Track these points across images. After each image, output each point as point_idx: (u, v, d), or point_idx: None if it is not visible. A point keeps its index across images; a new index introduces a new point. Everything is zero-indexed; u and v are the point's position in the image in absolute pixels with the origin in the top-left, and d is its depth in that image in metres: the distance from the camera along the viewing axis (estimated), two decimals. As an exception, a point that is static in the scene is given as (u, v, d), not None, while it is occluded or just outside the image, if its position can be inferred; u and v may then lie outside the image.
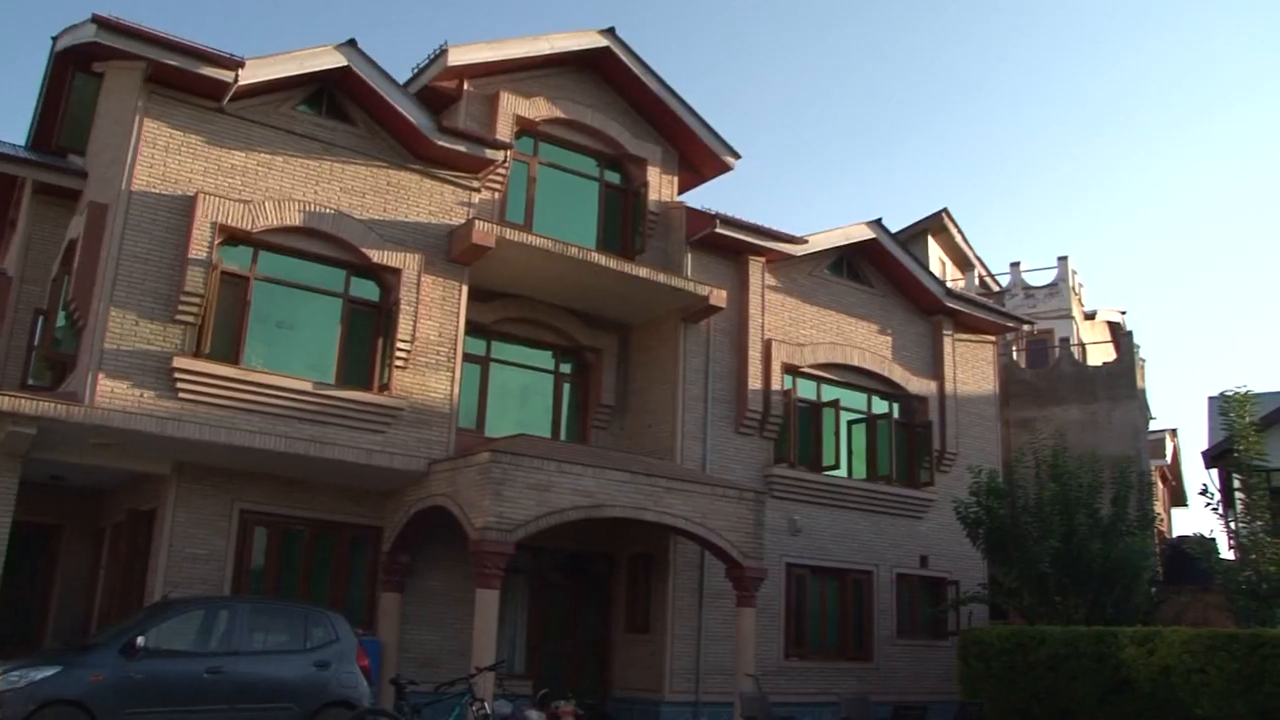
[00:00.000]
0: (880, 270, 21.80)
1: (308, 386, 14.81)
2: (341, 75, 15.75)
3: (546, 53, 18.73)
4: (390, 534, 16.39)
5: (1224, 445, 21.69)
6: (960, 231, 34.90)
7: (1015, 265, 36.52)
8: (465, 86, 18.17)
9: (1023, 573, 18.96)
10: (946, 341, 22.35)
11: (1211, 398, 26.45)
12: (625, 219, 19.72)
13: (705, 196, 32.79)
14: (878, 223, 21.13)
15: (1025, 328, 26.27)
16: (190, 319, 14.11)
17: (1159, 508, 29.01)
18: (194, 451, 14.65)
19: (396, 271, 15.80)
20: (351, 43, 15.63)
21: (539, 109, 18.79)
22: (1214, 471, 24.04)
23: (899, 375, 21.43)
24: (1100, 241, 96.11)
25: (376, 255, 15.69)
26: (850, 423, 20.91)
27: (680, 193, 20.63)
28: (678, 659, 17.49)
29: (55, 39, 16.05)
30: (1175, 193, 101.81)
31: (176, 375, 13.88)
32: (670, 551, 17.83)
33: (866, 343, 21.15)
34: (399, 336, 15.54)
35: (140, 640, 11.66)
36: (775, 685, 17.64)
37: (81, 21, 14.76)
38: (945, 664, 20.04)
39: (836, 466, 20.30)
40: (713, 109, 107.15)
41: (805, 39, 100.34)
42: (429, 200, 16.51)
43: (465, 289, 16.56)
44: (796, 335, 20.02)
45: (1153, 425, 31.55)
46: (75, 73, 16.91)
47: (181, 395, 13.93)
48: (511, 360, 18.64)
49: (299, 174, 15.44)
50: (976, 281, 34.94)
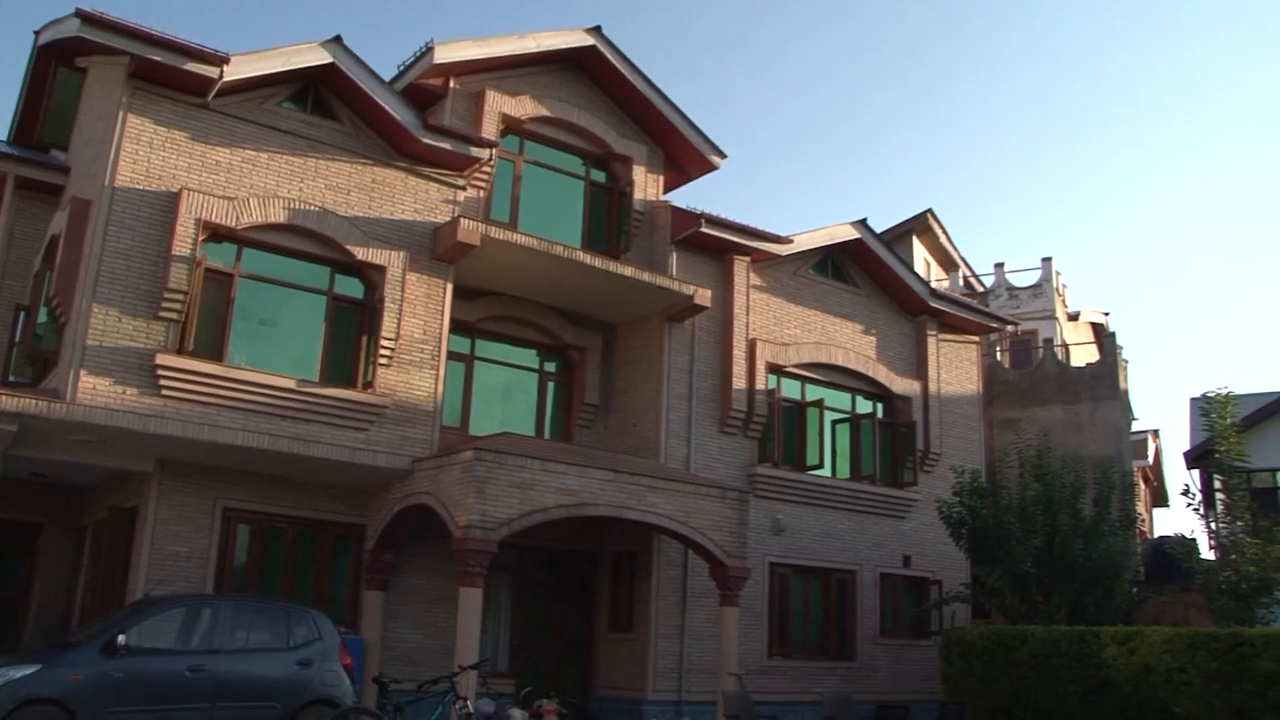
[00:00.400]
0: (865, 270, 21.85)
1: (291, 384, 14.76)
2: (327, 72, 15.71)
3: (533, 51, 18.71)
4: (373, 532, 16.35)
5: (1205, 446, 21.83)
6: (945, 232, 35.01)
7: (999, 266, 36.63)
8: (451, 84, 18.13)
9: (1005, 573, 19.02)
10: (931, 341, 22.40)
11: (1193, 399, 26.62)
12: (610, 218, 19.72)
13: (691, 196, 32.86)
14: (863, 223, 21.17)
15: (1009, 328, 26.35)
16: (174, 316, 14.04)
17: (1141, 508, 29.19)
18: (177, 449, 14.60)
19: (381, 269, 15.76)
20: (337, 39, 15.59)
21: (525, 107, 18.77)
22: (1195, 472, 24.20)
23: (883, 375, 21.47)
24: (1084, 243, 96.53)
25: (361, 253, 15.66)
26: (834, 422, 20.96)
27: (666, 192, 20.63)
28: (661, 658, 17.50)
29: (38, 33, 15.97)
30: (1157, 195, 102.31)
31: (159, 372, 13.82)
32: (654, 551, 17.84)
33: (851, 342, 21.19)
34: (383, 334, 15.51)
35: (121, 638, 11.61)
36: (758, 684, 17.66)
37: (65, 16, 14.68)
38: (928, 663, 20.11)
39: (820, 466, 20.34)
40: (698, 108, 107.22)
41: (791, 39, 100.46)
42: (414, 198, 16.47)
43: (450, 287, 16.54)
44: (781, 335, 20.05)
45: (1135, 426, 31.68)
46: (58, 67, 16.83)
47: (164, 392, 13.87)
48: (496, 358, 18.61)
49: (284, 171, 15.38)
50: (961, 282, 35.04)
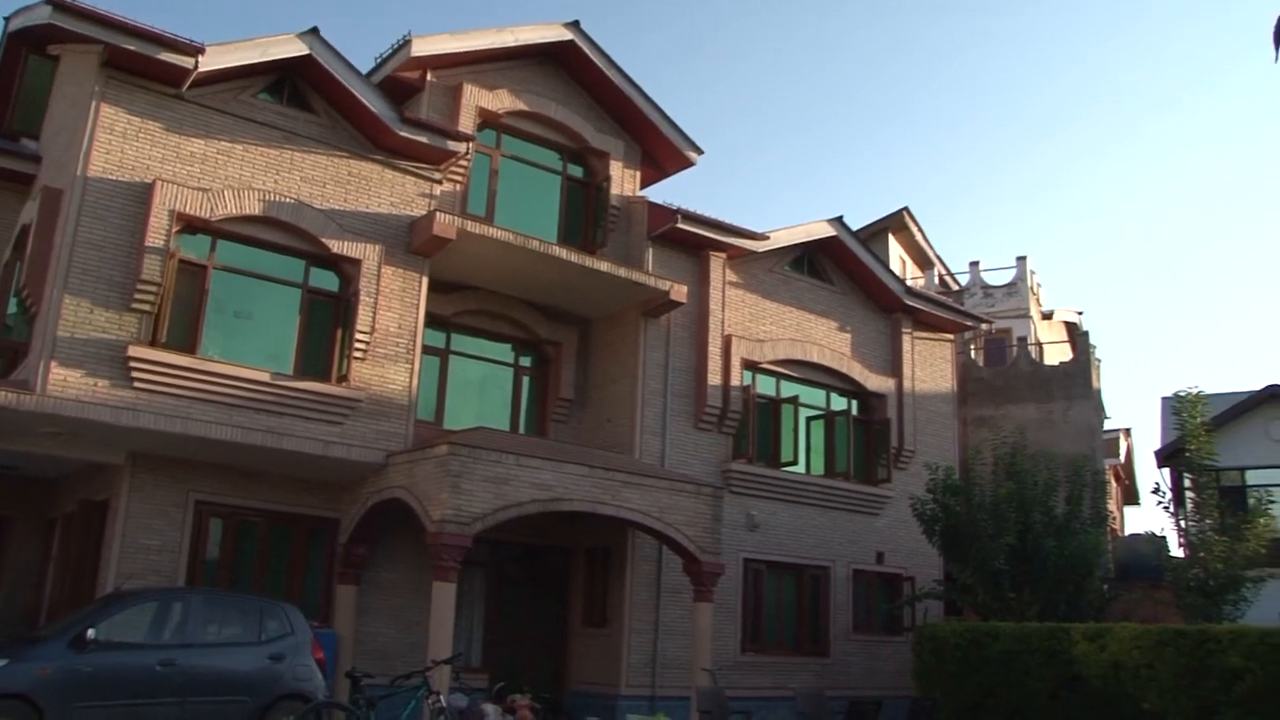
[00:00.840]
0: (841, 268, 21.89)
1: (265, 377, 14.68)
2: (303, 64, 15.61)
3: (510, 45, 18.65)
4: (347, 526, 16.29)
5: (1176, 445, 22.02)
6: (921, 230, 35.10)
7: (974, 264, 36.80)
8: (428, 77, 18.07)
9: (978, 569, 19.12)
10: (905, 339, 22.48)
11: (1165, 398, 26.82)
12: (587, 213, 19.70)
13: (667, 191, 32.89)
14: (839, 220, 21.21)
15: (983, 327, 26.47)
16: (146, 307, 13.94)
17: (1112, 506, 29.36)
18: (149, 441, 14.50)
19: (356, 262, 15.69)
20: (314, 31, 15.49)
21: (502, 101, 18.72)
22: (1166, 471, 24.42)
23: (858, 372, 21.53)
24: (1058, 242, 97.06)
25: (336, 245, 15.58)
26: (809, 419, 21.01)
27: (642, 187, 20.63)
28: (634, 653, 17.51)
29: (8, 20, 15.75)
30: (1131, 195, 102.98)
31: (132, 364, 13.71)
32: (628, 546, 17.84)
33: (826, 339, 21.24)
34: (358, 327, 15.44)
35: (90, 632, 11.53)
36: (731, 680, 17.71)
37: (36, 2, 14.50)
38: (900, 659, 20.18)
39: (795, 462, 20.39)
40: (676, 104, 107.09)
41: (768, 36, 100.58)
42: (390, 191, 16.40)
43: (425, 280, 16.48)
44: (756, 331, 20.07)
45: (1107, 425, 31.91)
46: (29, 55, 16.62)
47: (137, 384, 13.77)
48: (471, 353, 18.56)
49: (259, 162, 15.29)
50: (936, 280, 35.18)
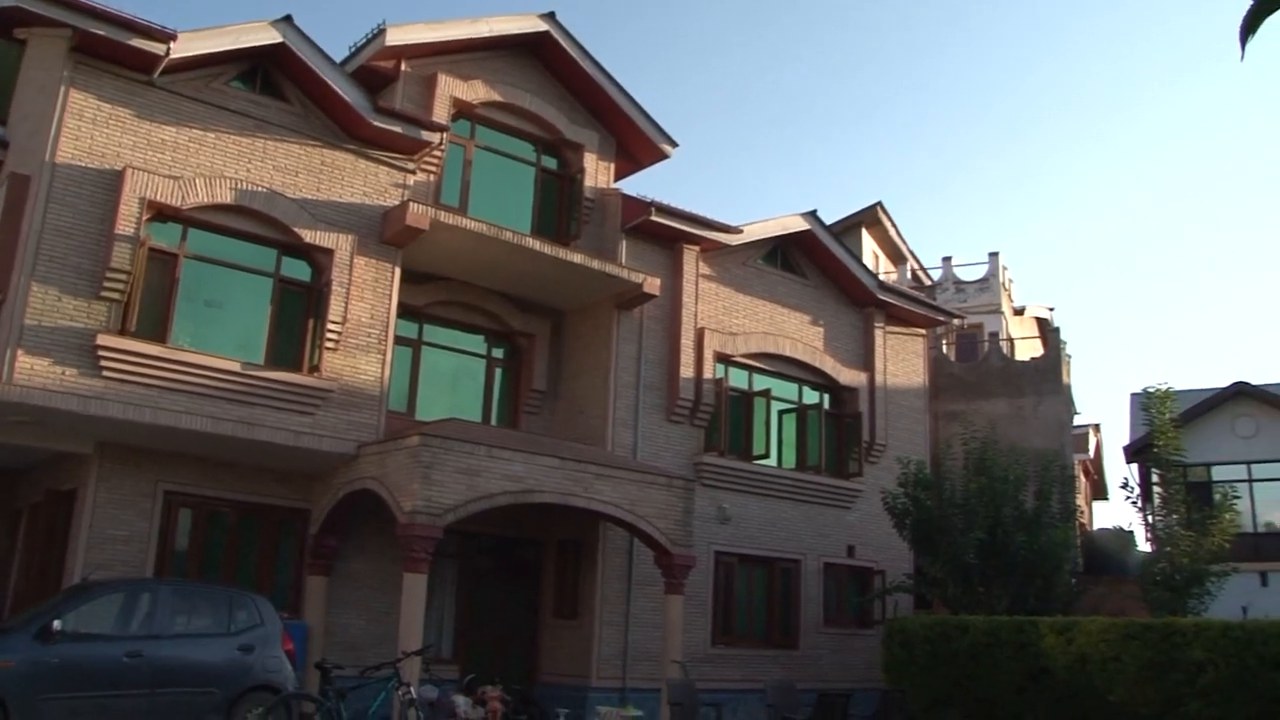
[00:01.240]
0: (814, 261, 21.95)
1: (236, 367, 14.60)
2: (277, 52, 15.51)
3: (485, 35, 18.59)
4: (318, 517, 16.23)
5: (1144, 441, 22.23)
6: (894, 225, 35.23)
7: (947, 260, 36.95)
8: (403, 67, 17.98)
9: (948, 563, 19.23)
10: (878, 333, 22.57)
11: (1134, 394, 27.06)
12: (561, 204, 19.67)
13: (641, 184, 32.77)
14: (812, 214, 21.26)
15: (955, 322, 26.59)
16: (116, 296, 13.82)
17: (1081, 501, 29.61)
18: (117, 431, 14.39)
19: (329, 252, 15.61)
20: (287, 19, 15.38)
21: (477, 92, 18.66)
22: (1134, 466, 24.64)
23: (830, 366, 21.60)
24: (1031, 238, 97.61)
25: (309, 235, 15.50)
26: (781, 412, 21.06)
27: (616, 179, 20.60)
28: (605, 645, 17.53)
29: (-26, 3, 15.59)
30: (1101, 193, 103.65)
31: (100, 353, 13.60)
32: (599, 538, 17.85)
33: (799, 333, 21.29)
34: (330, 318, 15.37)
35: (57, 624, 11.41)
36: (702, 672, 17.75)
37: (3, -15, 14.34)
38: (870, 652, 20.27)
39: (766, 456, 20.44)
40: (651, 98, 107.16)
41: (743, 31, 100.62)
42: (363, 181, 16.33)
43: (398, 271, 16.42)
44: (729, 324, 20.11)
45: (1077, 420, 32.12)
46: (-4, 38, 16.45)
47: (105, 374, 13.66)
48: (443, 344, 18.52)
49: (231, 151, 15.18)
50: (909, 275, 35.32)
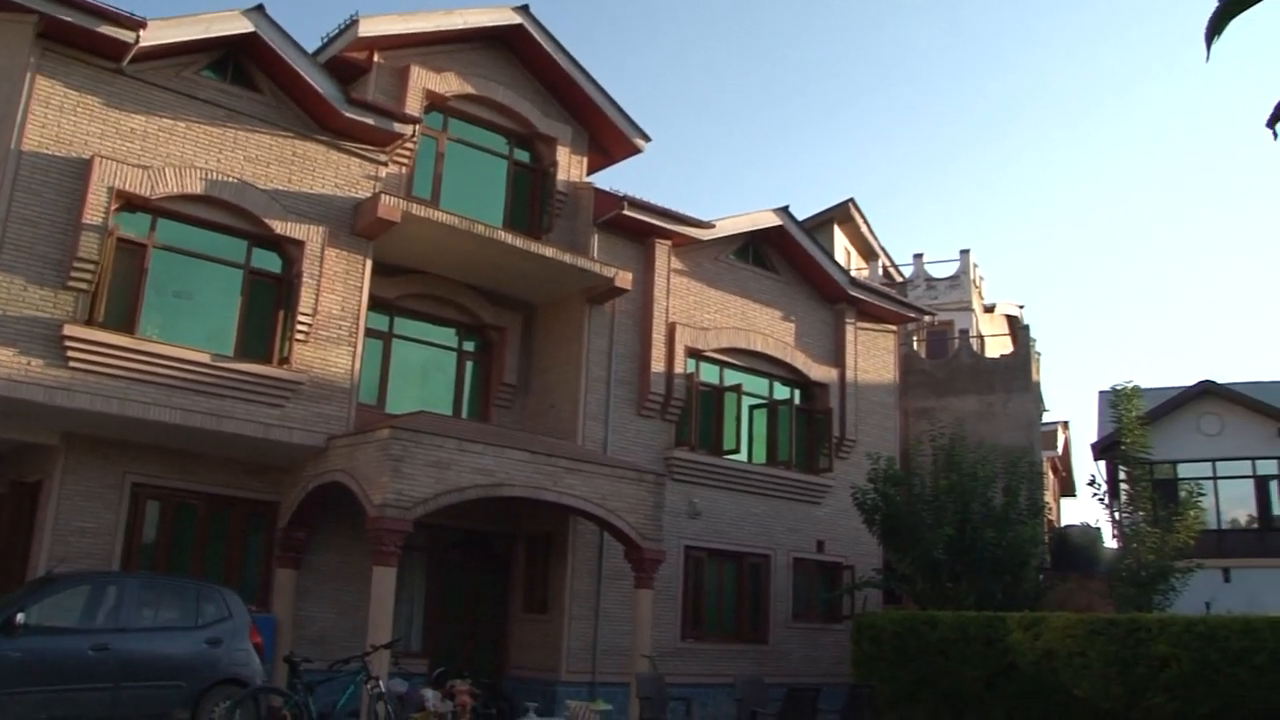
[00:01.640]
0: (786, 257, 21.99)
1: (205, 358, 14.49)
2: (248, 42, 15.39)
3: (459, 27, 18.50)
4: (287, 509, 16.15)
5: (1112, 438, 22.41)
6: (866, 222, 35.32)
7: (918, 257, 37.09)
8: (375, 58, 17.88)
9: (917, 559, 19.32)
10: (849, 330, 22.63)
11: (1102, 392, 27.27)
12: (533, 198, 19.63)
13: (614, 179, 32.79)
14: (785, 210, 21.30)
15: (926, 318, 26.73)
16: (83, 286, 13.69)
17: (1049, 497, 29.84)
18: (84, 422, 14.26)
19: (299, 243, 15.52)
20: (259, 9, 15.27)
21: (450, 84, 18.58)
22: (1102, 463, 24.86)
23: (801, 362, 21.65)
24: (1001, 237, 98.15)
25: (279, 226, 15.40)
26: (752, 408, 21.10)
27: (589, 174, 20.58)
28: (575, 639, 17.53)
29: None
30: (1071, 192, 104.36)
31: (67, 343, 13.46)
32: (569, 532, 17.84)
33: (770, 329, 21.33)
34: (300, 309, 15.28)
35: (20, 617, 11.26)
36: (671, 666, 17.78)
37: (-33, -30, 14.17)
38: (839, 647, 20.35)
39: (737, 451, 20.46)
40: (624, 94, 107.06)
41: (717, 28, 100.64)
42: (335, 172, 16.24)
43: (369, 263, 16.34)
44: (701, 319, 20.12)
45: (1046, 417, 32.35)
46: (-41, 24, 16.25)
47: (72, 364, 13.52)
48: (414, 336, 18.45)
49: (201, 141, 15.06)
50: (880, 272, 35.42)
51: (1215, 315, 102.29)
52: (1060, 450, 40.54)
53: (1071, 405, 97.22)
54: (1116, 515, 21.29)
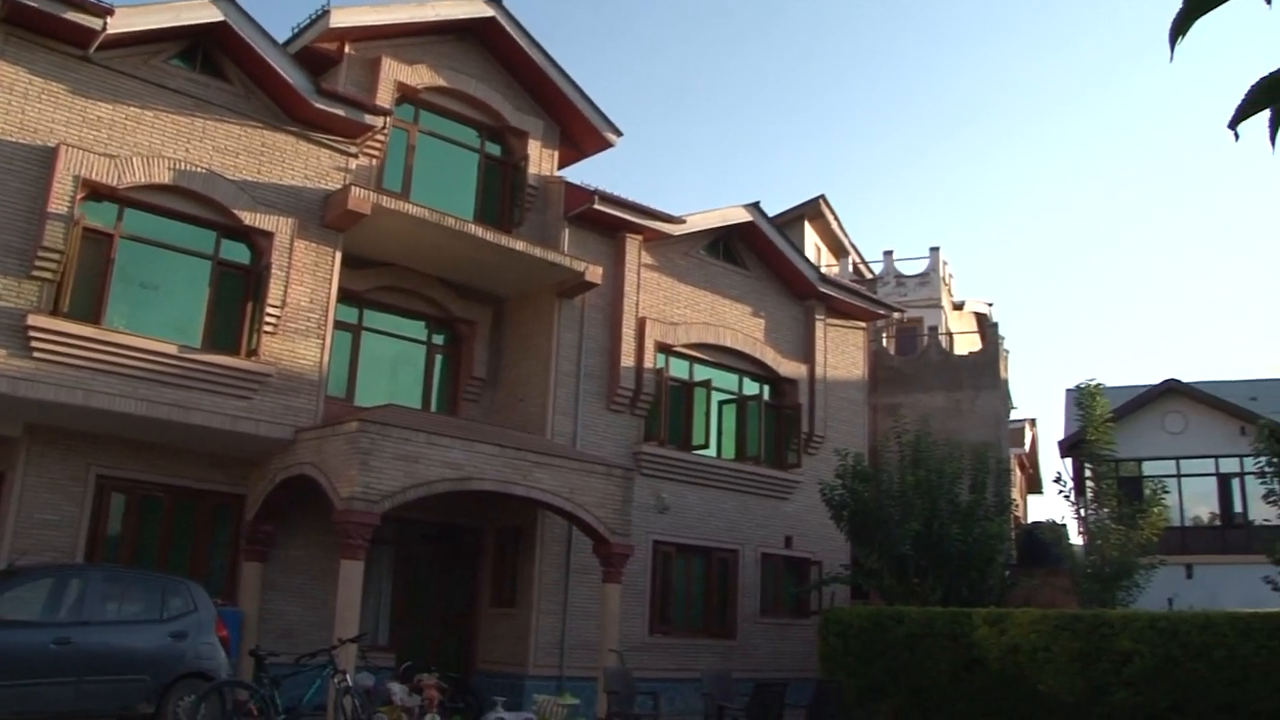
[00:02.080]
0: (756, 253, 22.03)
1: (172, 350, 14.37)
2: (218, 31, 15.27)
3: (431, 20, 18.44)
4: (254, 502, 16.06)
5: (1078, 436, 22.60)
6: (836, 219, 35.38)
7: (888, 254, 37.18)
8: (347, 50, 17.78)
9: (884, 555, 19.39)
10: (818, 326, 22.70)
11: (1069, 390, 27.49)
12: (504, 191, 19.58)
13: (585, 173, 32.73)
14: (755, 206, 21.33)
15: (896, 315, 26.81)
16: (48, 275, 13.55)
17: (1016, 494, 30.03)
18: (48, 413, 14.12)
19: (269, 235, 15.43)
20: (228, -3, 15.18)
21: (421, 76, 18.50)
22: (1068, 461, 25.09)
23: (770, 357, 21.70)
24: (970, 234, 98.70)
25: (248, 217, 15.30)
26: (721, 403, 21.14)
27: (560, 168, 20.55)
28: (543, 633, 17.52)
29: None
30: (1040, 190, 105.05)
31: (31, 333, 13.32)
32: (538, 526, 17.83)
33: (740, 324, 21.37)
34: (269, 301, 15.19)
35: (-19, 610, 11.19)
36: (639, 661, 17.79)
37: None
38: (806, 642, 20.42)
39: (706, 446, 20.51)
40: (596, 88, 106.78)
41: (688, 24, 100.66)
42: (305, 164, 16.15)
43: (339, 255, 16.26)
44: (671, 314, 20.13)
45: (1014, 415, 32.54)
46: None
47: (36, 355, 13.38)
48: (383, 329, 18.40)
49: (169, 130, 14.94)
50: (850, 268, 35.50)
51: (1182, 314, 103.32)
52: (1027, 447, 40.82)
53: (1039, 403, 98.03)
54: (1082, 512, 21.48)
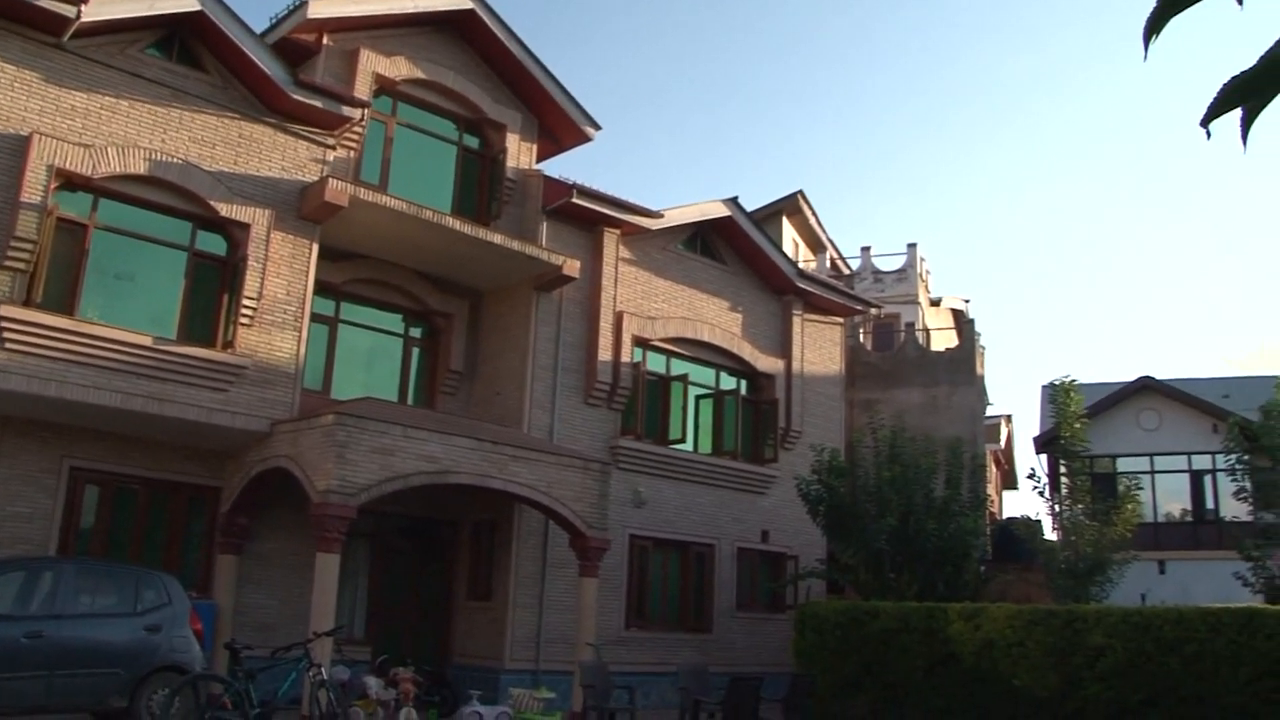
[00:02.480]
0: (734, 248, 22.05)
1: (147, 341, 14.28)
2: (194, 20, 15.16)
3: (410, 11, 18.35)
4: (229, 495, 15.98)
5: (1053, 432, 22.72)
6: (814, 214, 35.46)
7: (866, 250, 37.33)
8: (325, 41, 17.69)
9: (860, 550, 19.45)
10: (796, 321, 22.74)
11: (1044, 387, 27.62)
12: (482, 184, 19.53)
13: (563, 167, 32.65)
14: (733, 201, 21.35)
15: (873, 311, 26.89)
16: (21, 266, 13.44)
17: (991, 490, 30.19)
18: (20, 405, 14.00)
19: (245, 226, 15.34)
20: (205, -14, 15.07)
21: (399, 68, 18.43)
22: (1043, 457, 25.23)
23: (748, 352, 21.74)
24: (947, 231, 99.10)
25: (225, 209, 15.21)
26: (698, 397, 21.17)
27: (539, 161, 20.49)
28: (519, 627, 17.51)
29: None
30: (1017, 188, 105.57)
31: (3, 325, 13.18)
32: (515, 520, 17.81)
33: (717, 319, 21.39)
34: (245, 293, 15.11)
35: (-47, 603, 11.09)
36: (615, 655, 17.79)
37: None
38: (782, 636, 20.46)
39: (683, 440, 20.53)
40: (575, 83, 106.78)
41: (666, 19, 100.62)
42: (282, 155, 16.06)
43: (316, 247, 16.18)
44: (648, 308, 20.14)
45: (989, 411, 32.70)
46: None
47: (8, 346, 13.26)
48: (360, 322, 18.32)
49: (145, 120, 14.83)
50: (828, 264, 35.58)
51: (1157, 312, 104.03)
52: (1003, 443, 41.02)
53: (1015, 399, 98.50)
54: (1056, 508, 21.60)
